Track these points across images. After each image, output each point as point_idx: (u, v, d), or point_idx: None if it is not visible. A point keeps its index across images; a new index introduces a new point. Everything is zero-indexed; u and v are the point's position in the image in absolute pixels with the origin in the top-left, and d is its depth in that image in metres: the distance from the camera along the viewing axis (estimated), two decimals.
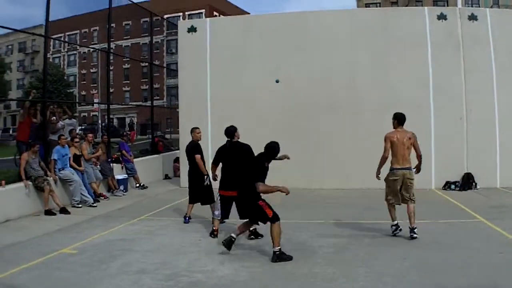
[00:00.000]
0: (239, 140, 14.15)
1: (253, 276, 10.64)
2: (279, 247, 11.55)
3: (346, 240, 13.61)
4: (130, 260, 11.69)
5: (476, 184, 22.91)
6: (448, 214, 17.35)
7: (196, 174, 15.65)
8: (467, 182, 22.91)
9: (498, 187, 22.96)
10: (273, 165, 12.38)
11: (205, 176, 15.58)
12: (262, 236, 13.72)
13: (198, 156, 15.61)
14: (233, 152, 13.90)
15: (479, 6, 79.64)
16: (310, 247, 12.97)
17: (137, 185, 24.50)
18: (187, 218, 16.02)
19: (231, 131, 14.10)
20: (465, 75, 23.34)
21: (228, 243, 12.05)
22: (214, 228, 14.26)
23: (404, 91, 23.20)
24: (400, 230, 13.83)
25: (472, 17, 23.54)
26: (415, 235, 13.56)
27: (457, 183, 23.03)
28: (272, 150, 12.30)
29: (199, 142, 15.94)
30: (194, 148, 15.78)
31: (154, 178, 26.59)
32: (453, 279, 10.25)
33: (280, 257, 11.50)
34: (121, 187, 22.73)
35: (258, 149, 13.00)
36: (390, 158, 13.85)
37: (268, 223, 11.79)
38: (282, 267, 11.23)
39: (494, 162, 23.20)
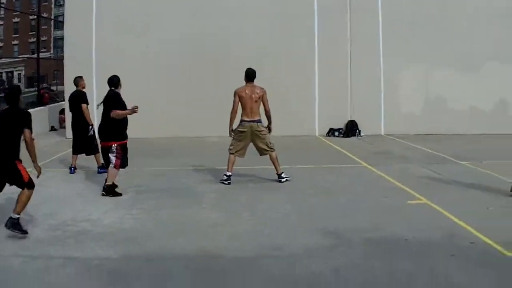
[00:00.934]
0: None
1: (138, 224, 10.59)
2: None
3: (230, 185, 13.69)
4: None
5: (360, 131, 23.37)
6: (332, 160, 17.72)
7: (80, 124, 15.37)
8: (351, 129, 23.37)
9: (382, 134, 23.41)
10: (159, 116, 12.03)
11: (90, 127, 15.25)
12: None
13: (84, 105, 15.31)
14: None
15: None
16: (195, 193, 13.02)
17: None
18: (72, 168, 15.67)
19: (114, 81, 13.39)
20: (351, 24, 23.70)
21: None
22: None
23: (289, 39, 23.47)
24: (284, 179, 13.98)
25: None
26: (283, 180, 13.98)
27: (340, 130, 23.50)
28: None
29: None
30: (80, 97, 15.46)
31: (40, 130, 25.76)
32: (336, 222, 10.42)
33: (16, 225, 9.85)
34: None
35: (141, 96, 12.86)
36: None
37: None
38: (166, 214, 11.24)
39: (378, 110, 23.71)
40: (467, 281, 7.33)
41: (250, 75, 13.95)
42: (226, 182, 13.78)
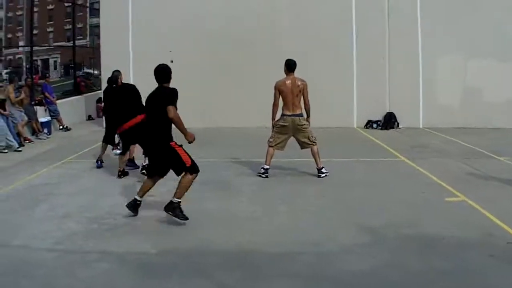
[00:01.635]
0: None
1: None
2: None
3: (268, 178, 13.68)
4: (55, 204, 11.52)
5: (398, 123, 23.28)
6: (370, 152, 17.64)
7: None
8: (389, 121, 23.27)
9: (420, 127, 23.30)
10: (198, 105, 12.15)
11: None
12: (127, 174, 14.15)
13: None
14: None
15: None
16: (233, 186, 13.06)
17: (61, 127, 24.08)
18: (99, 162, 15.59)
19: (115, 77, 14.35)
20: (389, 16, 23.54)
21: (133, 207, 10.60)
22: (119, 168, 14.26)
23: (326, 31, 23.36)
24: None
25: None
26: (323, 175, 13.82)
27: (379, 122, 23.41)
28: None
29: None
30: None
31: (77, 119, 26.15)
32: (372, 217, 10.42)
33: (176, 210, 10.11)
34: (45, 130, 22.33)
35: (179, 85, 12.76)
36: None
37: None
38: (204, 207, 11.24)
39: (417, 102, 23.57)
40: (505, 283, 7.28)
41: (290, 66, 13.76)
42: (263, 176, 13.74)
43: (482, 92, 23.44)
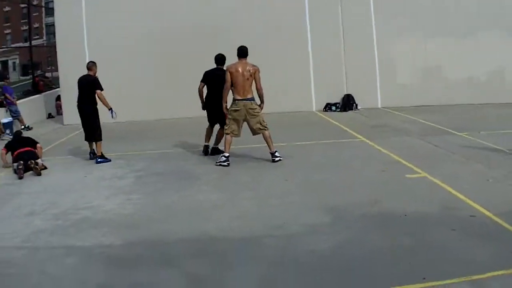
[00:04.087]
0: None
1: (138, 208, 10.61)
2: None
3: (229, 165, 13.61)
4: (20, 203, 11.45)
5: (356, 105, 23.41)
6: (330, 135, 17.73)
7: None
8: (347, 103, 23.39)
9: (379, 107, 23.43)
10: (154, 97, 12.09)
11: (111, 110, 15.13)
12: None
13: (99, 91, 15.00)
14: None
15: None
16: (194, 175, 13.01)
17: (22, 127, 23.78)
18: (91, 154, 15.49)
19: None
20: None
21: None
22: None
23: (280, 17, 23.38)
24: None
25: None
26: (277, 159, 13.84)
27: (337, 105, 23.53)
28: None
29: None
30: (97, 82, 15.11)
31: (38, 118, 25.82)
32: (336, 197, 10.53)
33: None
34: (7, 131, 22.07)
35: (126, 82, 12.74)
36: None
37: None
38: (167, 197, 11.26)
39: (374, 82, 23.69)
40: (468, 255, 7.35)
41: (242, 51, 13.84)
42: (224, 164, 13.63)
43: (441, 70, 23.75)
